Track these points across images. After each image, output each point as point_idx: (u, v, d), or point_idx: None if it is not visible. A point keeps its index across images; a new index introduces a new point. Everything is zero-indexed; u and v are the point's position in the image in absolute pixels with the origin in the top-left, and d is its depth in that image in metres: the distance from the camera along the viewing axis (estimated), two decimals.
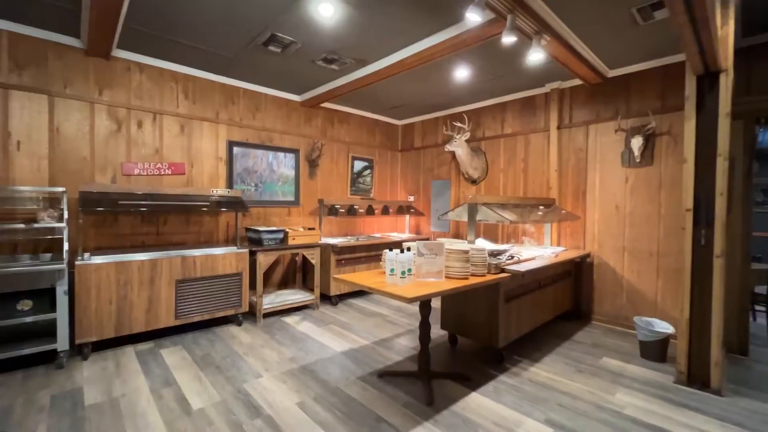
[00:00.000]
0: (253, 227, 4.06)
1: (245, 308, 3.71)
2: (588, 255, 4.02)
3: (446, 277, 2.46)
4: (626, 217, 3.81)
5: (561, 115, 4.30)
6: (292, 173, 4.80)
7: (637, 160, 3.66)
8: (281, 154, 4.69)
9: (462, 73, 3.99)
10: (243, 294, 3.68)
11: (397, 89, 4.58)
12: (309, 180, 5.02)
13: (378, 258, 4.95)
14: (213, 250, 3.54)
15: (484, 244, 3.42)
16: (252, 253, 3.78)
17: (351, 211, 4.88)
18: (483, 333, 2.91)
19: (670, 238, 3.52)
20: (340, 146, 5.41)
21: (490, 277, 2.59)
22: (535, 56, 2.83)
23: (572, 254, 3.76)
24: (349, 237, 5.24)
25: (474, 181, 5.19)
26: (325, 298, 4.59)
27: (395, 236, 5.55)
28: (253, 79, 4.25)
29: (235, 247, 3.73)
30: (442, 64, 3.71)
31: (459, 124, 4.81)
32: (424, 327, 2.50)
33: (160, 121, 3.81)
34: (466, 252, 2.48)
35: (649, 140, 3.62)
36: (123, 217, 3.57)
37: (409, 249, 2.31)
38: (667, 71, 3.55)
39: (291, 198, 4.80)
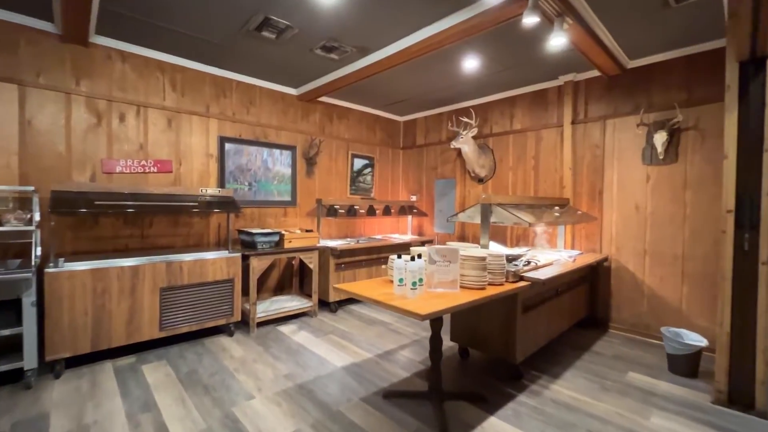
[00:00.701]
0: (246, 229, 3.77)
1: (237, 317, 3.43)
2: (605, 259, 3.76)
3: (461, 286, 2.19)
4: (647, 218, 3.55)
5: (575, 110, 4.03)
6: (288, 171, 4.52)
7: (660, 157, 3.40)
8: (277, 152, 4.41)
9: (470, 64, 3.72)
10: (235, 302, 3.40)
11: (399, 83, 4.31)
12: (306, 179, 4.74)
13: (380, 261, 4.68)
14: (202, 255, 3.26)
15: (496, 248, 3.16)
16: (245, 258, 3.50)
17: (351, 211, 4.61)
18: (498, 346, 2.64)
19: (697, 241, 3.27)
20: (339, 143, 5.12)
21: (509, 287, 2.32)
22: (557, 41, 2.57)
23: (590, 258, 3.49)
24: (348, 239, 4.96)
25: (481, 180, 4.92)
26: (324, 304, 4.31)
27: (396, 238, 5.28)
28: (247, 69, 3.96)
29: (227, 251, 3.44)
30: (449, 54, 3.43)
31: (466, 120, 4.54)
32: (435, 343, 2.23)
33: (144, 115, 3.51)
34: (483, 259, 2.21)
35: (674, 136, 3.36)
36: (104, 218, 3.27)
37: (419, 256, 2.04)
38: (693, 61, 3.29)
39: (287, 198, 4.52)
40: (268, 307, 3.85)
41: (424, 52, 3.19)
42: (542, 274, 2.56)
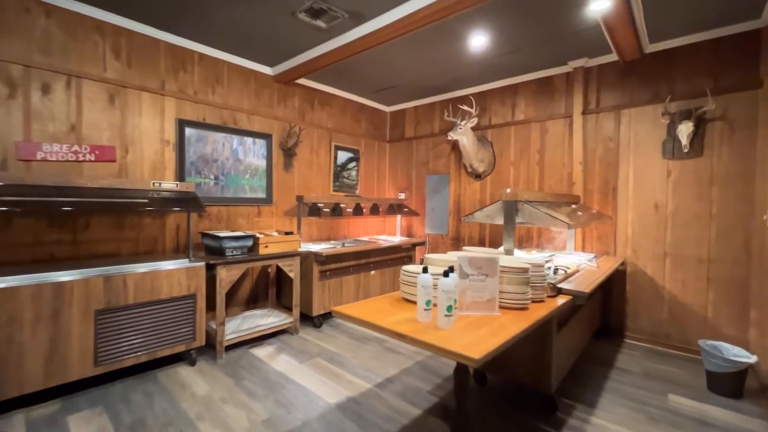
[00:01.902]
0: (212, 232, 3.10)
1: (201, 341, 2.77)
2: (623, 262, 3.42)
3: (499, 306, 1.70)
4: (668, 218, 3.24)
5: (586, 99, 3.68)
6: (263, 164, 3.86)
7: (685, 150, 3.09)
8: (249, 140, 3.74)
9: (476, 42, 3.25)
10: (198, 322, 2.74)
11: (391, 65, 3.78)
12: (284, 172, 4.10)
13: (368, 267, 4.13)
14: (156, 265, 2.58)
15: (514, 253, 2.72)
16: (210, 267, 2.84)
17: (336, 210, 4.03)
18: (527, 373, 2.18)
19: (725, 243, 2.98)
20: (321, 133, 4.52)
21: (551, 304, 1.86)
22: (599, 5, 2.13)
23: (611, 262, 3.13)
24: (333, 242, 4.38)
25: (478, 176, 4.49)
26: (306, 318, 3.71)
27: (385, 240, 4.75)
28: (212, 39, 3.29)
29: (187, 260, 2.77)
30: (455, 27, 2.95)
31: (465, 108, 4.08)
32: (462, 379, 1.72)
33: (78, 88, 2.77)
34: (526, 271, 1.73)
35: (699, 127, 3.06)
36: (19, 220, 2.51)
37: (452, 270, 1.52)
38: (719, 46, 2.99)
39: (262, 194, 3.87)
40: (240, 325, 3.20)
41: (432, 20, 2.67)
42: (583, 286, 2.12)
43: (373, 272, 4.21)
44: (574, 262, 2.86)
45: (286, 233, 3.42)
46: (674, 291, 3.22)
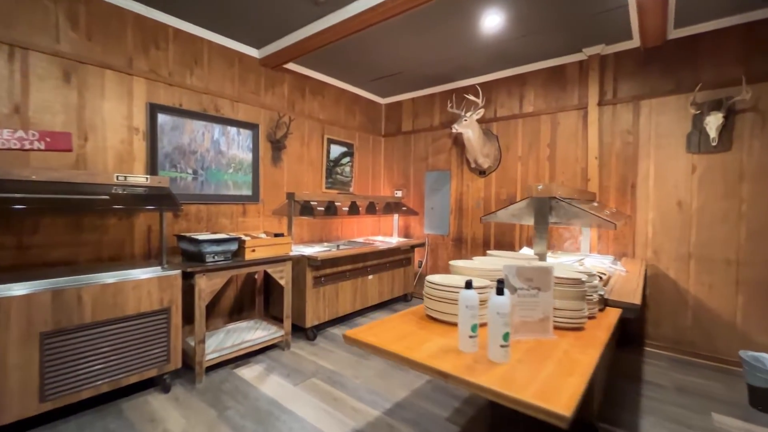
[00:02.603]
0: (189, 234, 2.68)
1: (176, 363, 2.35)
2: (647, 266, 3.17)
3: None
4: (693, 216, 3.01)
5: (602, 89, 3.42)
6: (248, 157, 3.45)
7: (713, 144, 2.85)
8: (233, 130, 3.32)
9: (489, 23, 2.94)
10: (172, 341, 2.32)
11: (390, 50, 3.43)
12: (272, 167, 3.69)
13: (366, 272, 3.77)
14: (121, 274, 2.15)
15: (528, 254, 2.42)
16: (187, 275, 2.42)
17: (331, 209, 3.64)
18: None
19: (756, 243, 2.76)
20: (313, 125, 4.13)
21: (605, 320, 1.55)
22: None
23: (636, 265, 2.87)
24: (326, 244, 3.99)
25: (483, 173, 4.19)
26: (299, 330, 3.32)
27: (381, 241, 4.41)
28: (190, 13, 2.86)
29: (160, 268, 2.35)
30: (463, 4, 2.63)
31: (472, 98, 3.77)
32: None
33: (23, 61, 2.30)
34: (581, 283, 1.41)
35: (728, 119, 2.83)
36: None
37: (502, 284, 1.18)
38: (752, 31, 2.77)
39: (247, 191, 3.45)
40: (223, 341, 2.79)
41: None
42: (630, 296, 1.83)
43: (371, 277, 3.86)
44: (601, 267, 2.58)
45: (276, 235, 3.03)
46: (700, 295, 2.99)
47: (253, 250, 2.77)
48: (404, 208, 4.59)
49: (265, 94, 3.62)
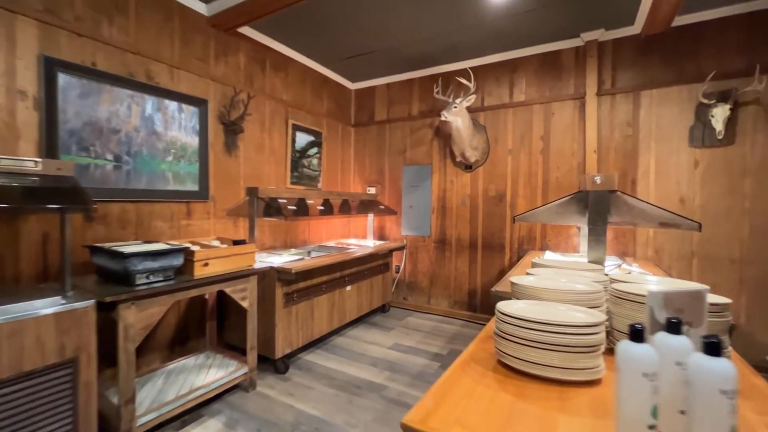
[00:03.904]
0: (109, 245, 1.90)
1: None
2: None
3: None
4: (695, 213, 2.88)
5: (600, 78, 3.20)
6: (193, 141, 2.67)
7: (719, 137, 2.73)
8: (173, 106, 2.53)
9: None
10: (81, 408, 1.54)
11: (370, 20, 2.88)
12: (225, 156, 2.94)
13: (343, 282, 3.18)
14: None
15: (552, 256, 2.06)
16: (106, 307, 1.65)
17: (301, 209, 2.99)
18: None
19: (761, 241, 2.68)
20: (276, 107, 3.42)
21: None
22: None
23: (650, 268, 2.65)
24: (294, 250, 3.32)
25: (469, 167, 3.81)
26: (265, 361, 2.62)
27: (356, 245, 3.84)
28: None
29: (60, 297, 1.56)
30: None
31: (463, 81, 3.35)
32: None
33: None
34: (725, 308, 1.00)
35: (733, 111, 2.72)
36: None
37: (641, 327, 0.71)
38: (755, 20, 2.68)
39: (192, 185, 2.67)
40: (162, 391, 2.03)
41: None
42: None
43: (349, 288, 3.27)
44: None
45: (236, 242, 2.32)
46: None
47: (206, 264, 2.06)
48: (381, 207, 4.06)
49: (215, 64, 2.85)
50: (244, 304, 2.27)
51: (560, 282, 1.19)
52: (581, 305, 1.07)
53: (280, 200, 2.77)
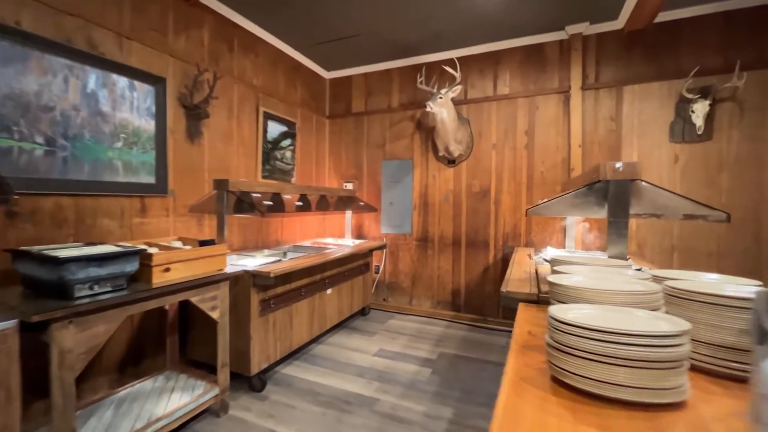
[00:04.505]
0: (36, 249, 1.51)
1: None
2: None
3: None
4: None
5: (585, 72, 3.18)
6: (149, 125, 2.28)
7: (699, 132, 2.78)
8: (122, 82, 2.13)
9: None
10: None
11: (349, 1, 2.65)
12: (187, 144, 2.56)
13: (323, 285, 2.91)
14: None
15: (554, 252, 1.96)
16: (34, 328, 1.28)
17: (278, 204, 2.68)
18: None
19: (735, 234, 2.76)
20: (245, 92, 3.07)
21: None
22: None
23: (646, 264, 2.64)
24: (266, 251, 3.00)
25: (452, 162, 3.68)
26: (239, 378, 2.29)
27: (333, 244, 3.58)
28: None
29: None
30: None
31: (449, 69, 3.20)
32: None
33: None
34: None
35: (711, 107, 2.78)
36: None
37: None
38: (730, 19, 2.76)
39: (148, 177, 2.28)
40: (110, 428, 1.66)
41: None
42: None
43: (329, 291, 3.00)
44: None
45: (203, 243, 1.99)
46: None
47: (167, 270, 1.72)
48: (361, 204, 3.82)
49: (175, 38, 2.47)
50: (214, 314, 1.95)
51: (614, 282, 1.03)
52: (642, 308, 0.91)
53: (253, 194, 2.45)
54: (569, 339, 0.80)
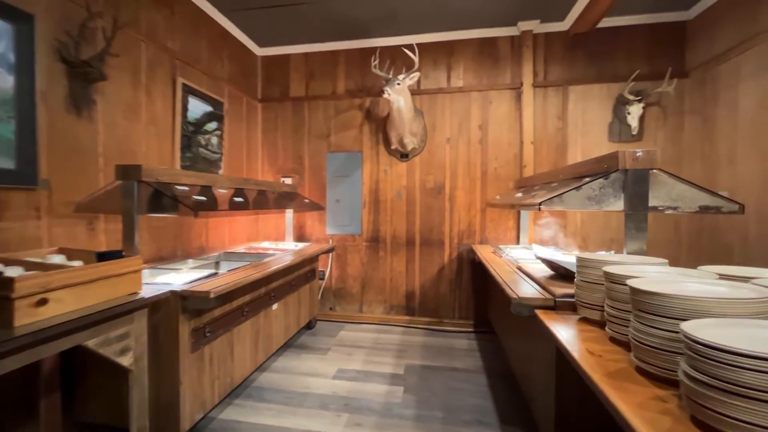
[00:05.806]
0: None
1: None
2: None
3: None
4: None
5: (535, 69, 3.21)
6: (4, 83, 1.51)
7: (633, 133, 3.01)
8: None
9: None
10: None
11: None
12: (71, 115, 1.81)
13: (269, 299, 2.39)
14: None
15: (544, 251, 1.87)
16: None
17: (209, 201, 2.08)
18: None
19: (660, 225, 3.06)
20: (157, 55, 2.36)
21: None
22: None
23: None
24: (191, 261, 2.35)
25: (405, 155, 3.43)
26: None
27: (273, 247, 3.05)
28: None
29: None
30: None
31: (409, 53, 2.93)
32: None
33: None
34: None
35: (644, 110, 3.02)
36: None
37: None
38: (654, 31, 3.03)
39: (3, 161, 1.51)
40: None
41: None
42: None
43: (275, 306, 2.49)
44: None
45: (103, 256, 1.36)
46: None
47: (42, 302, 1.09)
48: (306, 201, 3.32)
49: None
50: (125, 360, 1.34)
51: (704, 285, 0.85)
52: (758, 318, 0.74)
53: (178, 187, 1.82)
54: (739, 374, 0.57)
